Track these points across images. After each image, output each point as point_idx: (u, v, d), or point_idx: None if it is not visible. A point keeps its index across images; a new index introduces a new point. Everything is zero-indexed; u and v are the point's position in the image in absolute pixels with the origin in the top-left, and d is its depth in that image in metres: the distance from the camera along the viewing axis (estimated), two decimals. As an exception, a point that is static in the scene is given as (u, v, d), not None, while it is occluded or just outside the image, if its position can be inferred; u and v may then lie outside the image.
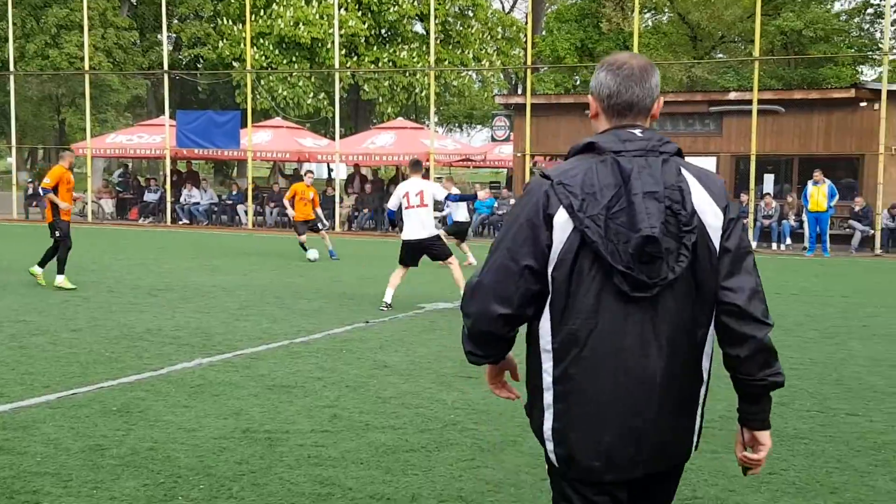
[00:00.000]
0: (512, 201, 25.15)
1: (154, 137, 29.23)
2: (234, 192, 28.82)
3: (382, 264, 15.82)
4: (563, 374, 2.34)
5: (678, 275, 2.28)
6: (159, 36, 34.93)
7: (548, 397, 2.38)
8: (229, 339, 8.59)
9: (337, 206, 26.06)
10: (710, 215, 2.35)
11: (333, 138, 28.47)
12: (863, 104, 22.18)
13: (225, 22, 36.16)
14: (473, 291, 2.40)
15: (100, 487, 4.48)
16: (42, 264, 12.34)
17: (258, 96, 33.43)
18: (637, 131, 2.39)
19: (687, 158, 2.55)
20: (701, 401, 2.45)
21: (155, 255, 17.81)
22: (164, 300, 11.26)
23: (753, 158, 21.99)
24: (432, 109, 27.44)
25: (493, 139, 34.28)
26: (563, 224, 2.29)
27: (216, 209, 28.36)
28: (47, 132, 44.71)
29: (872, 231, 21.28)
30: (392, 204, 10.91)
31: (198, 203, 28.14)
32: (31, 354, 7.71)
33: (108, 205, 29.45)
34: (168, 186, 28.10)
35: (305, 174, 19.63)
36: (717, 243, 2.35)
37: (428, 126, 30.09)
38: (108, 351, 7.93)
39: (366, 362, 7.64)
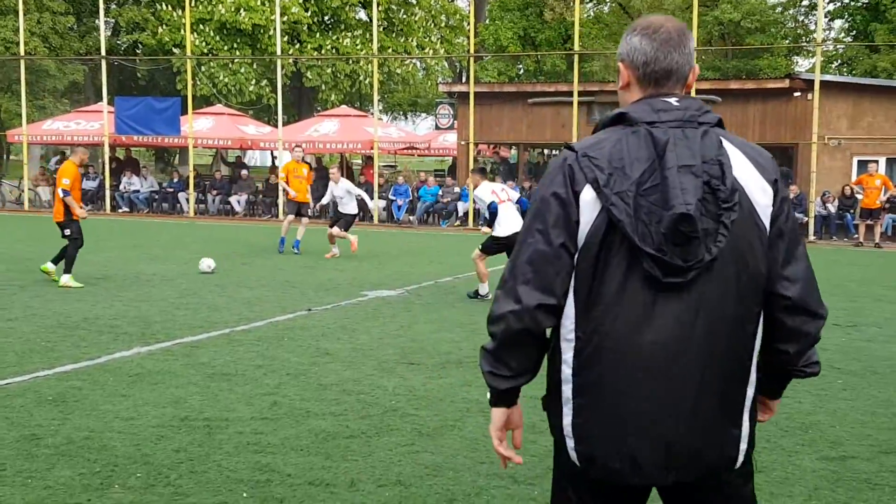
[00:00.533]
0: (456, 189, 25.21)
1: (92, 124, 28.62)
2: (176, 180, 28.40)
3: (325, 252, 15.77)
4: (583, 365, 2.12)
5: (715, 256, 2.04)
6: (97, 21, 34.06)
7: (567, 390, 2.16)
8: (169, 328, 8.51)
9: (281, 194, 25.87)
10: (758, 191, 2.12)
11: (276, 125, 28.21)
12: (797, 94, 22.72)
13: (164, 7, 35.51)
14: (505, 289, 2.13)
15: (34, 477, 4.43)
16: (56, 261, 11.62)
17: (199, 83, 32.94)
18: (673, 100, 2.15)
19: None
20: (748, 404, 2.18)
21: (93, 243, 17.46)
22: (103, 289, 11.09)
23: (692, 147, 22.37)
24: (376, 97, 27.36)
25: (438, 127, 34.31)
26: (590, 202, 2.07)
27: (157, 197, 27.92)
28: (-18, 118, 43.53)
29: (806, 218, 21.83)
30: (490, 200, 10.85)
31: (138, 191, 27.67)
32: (-37, 345, 7.55)
33: (45, 192, 28.77)
34: (107, 174, 27.57)
35: (294, 150, 17.96)
36: (766, 222, 2.13)
37: (372, 114, 29.98)
38: (44, 340, 7.81)
39: (307, 350, 7.65)
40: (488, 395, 2.24)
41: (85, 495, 4.21)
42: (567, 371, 2.15)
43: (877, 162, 21.72)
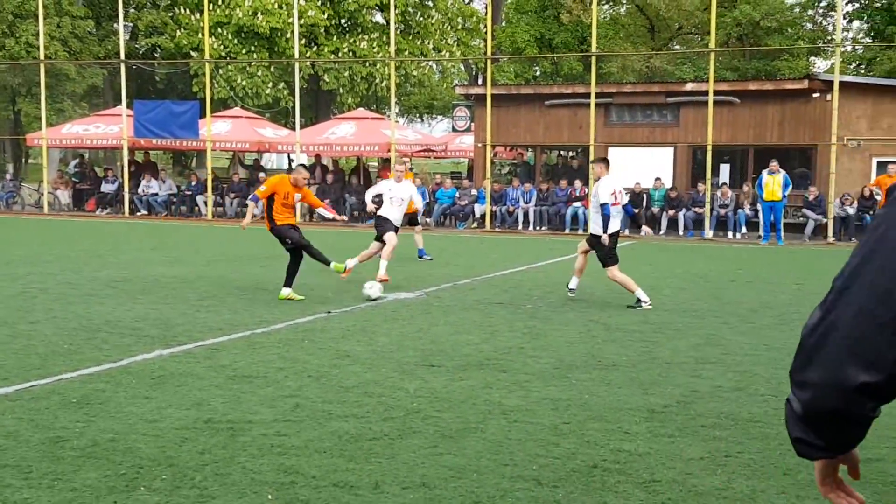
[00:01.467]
0: (473, 191, 25.14)
1: (111, 127, 28.83)
2: (194, 183, 28.54)
3: (345, 255, 15.79)
4: None
5: None
6: (115, 25, 34.35)
7: None
8: (190, 330, 8.55)
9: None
10: None
11: (293, 128, 28.32)
12: (815, 95, 22.58)
13: (182, 11, 35.72)
14: (814, 349, 1.63)
15: (61, 479, 4.46)
16: (288, 283, 10.93)
17: (216, 86, 33.12)
18: None
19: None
20: None
21: (113, 246, 17.61)
22: (123, 291, 11.16)
23: (710, 149, 22.29)
24: (393, 100, 27.41)
25: (454, 129, 34.35)
26: None
27: (175, 200, 28.08)
28: (2, 123, 43.90)
29: (825, 220, 21.70)
30: (607, 200, 10.57)
31: (156, 194, 27.84)
32: (-13, 347, 7.61)
33: (65, 196, 29.02)
34: (126, 177, 27.76)
35: (403, 160, 16.64)
36: None
37: (389, 116, 30.03)
38: (67, 343, 7.86)
39: (328, 352, 7.67)
40: None
41: (111, 497, 4.23)
42: None
43: (896, 163, 21.55)
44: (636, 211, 13.53)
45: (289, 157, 33.82)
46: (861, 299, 1.59)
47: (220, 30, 33.88)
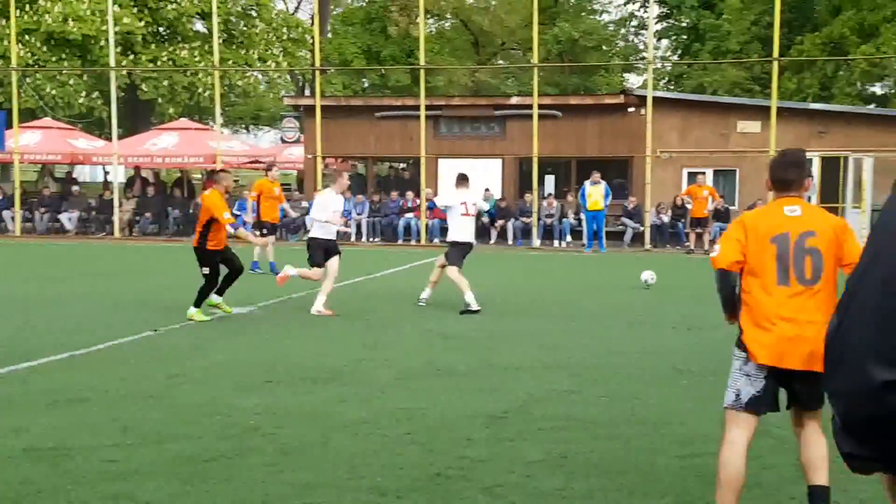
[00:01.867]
0: (304, 204, 24.81)
1: None
2: (0, 198, 26.65)
3: (167, 270, 15.19)
4: None
5: None
6: None
7: None
8: (0, 354, 7.92)
9: (116, 210, 24.76)
10: None
11: (110, 139, 26.99)
12: (631, 109, 23.81)
13: (-15, 16, 33.37)
14: (836, 356, 1.57)
15: None
16: (220, 292, 10.43)
17: (23, 95, 31.09)
18: None
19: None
20: None
21: None
22: (-78, 315, 10.23)
23: (535, 160, 23.01)
24: (218, 110, 26.64)
25: (283, 140, 33.81)
26: None
27: (-22, 216, 26.11)
28: None
29: (642, 228, 22.86)
30: (442, 203, 11.63)
31: (-43, 210, 25.80)
32: None
33: None
34: (-79, 192, 25.57)
35: (270, 168, 16.48)
36: None
37: (213, 127, 29.19)
38: None
39: (158, 371, 7.30)
40: None
41: (-84, 539, 3.84)
42: None
43: (704, 173, 22.98)
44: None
45: (104, 169, 32.27)
46: (876, 298, 1.55)
47: (27, 37, 31.88)
